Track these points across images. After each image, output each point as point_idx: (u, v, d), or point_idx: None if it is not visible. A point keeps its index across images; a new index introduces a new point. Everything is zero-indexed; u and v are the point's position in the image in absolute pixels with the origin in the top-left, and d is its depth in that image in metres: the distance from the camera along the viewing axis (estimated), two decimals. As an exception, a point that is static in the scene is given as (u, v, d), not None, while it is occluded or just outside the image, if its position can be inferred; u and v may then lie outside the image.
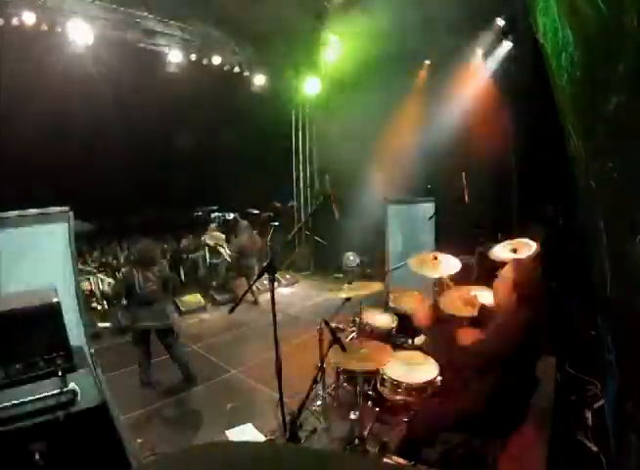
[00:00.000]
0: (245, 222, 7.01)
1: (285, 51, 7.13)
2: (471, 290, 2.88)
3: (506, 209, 6.26)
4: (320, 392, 3.24)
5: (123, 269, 4.00)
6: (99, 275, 6.39)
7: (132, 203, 7.93)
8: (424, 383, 2.67)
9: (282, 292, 7.22)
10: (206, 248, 7.40)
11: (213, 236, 7.46)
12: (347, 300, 3.04)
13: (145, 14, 5.61)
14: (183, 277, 7.64)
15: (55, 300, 1.96)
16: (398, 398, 2.71)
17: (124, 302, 4.25)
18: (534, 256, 3.20)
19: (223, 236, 7.61)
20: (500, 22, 5.82)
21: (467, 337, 2.49)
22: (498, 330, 2.24)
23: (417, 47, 5.70)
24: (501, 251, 3.47)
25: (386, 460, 2.24)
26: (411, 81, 6.58)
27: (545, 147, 4.86)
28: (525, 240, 3.48)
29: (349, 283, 3.02)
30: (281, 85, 7.99)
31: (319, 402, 3.26)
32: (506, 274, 2.31)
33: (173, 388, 3.97)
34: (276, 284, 2.27)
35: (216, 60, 6.69)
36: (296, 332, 4.91)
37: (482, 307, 2.59)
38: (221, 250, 7.33)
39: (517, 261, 2.37)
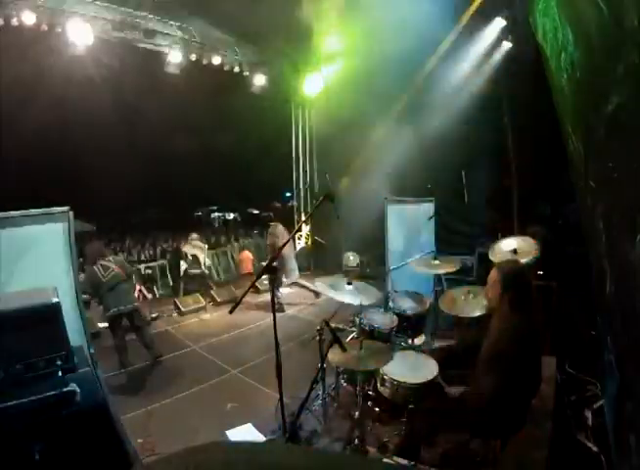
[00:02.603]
0: (281, 226, 6.56)
1: (284, 51, 7.13)
2: (469, 290, 2.89)
3: (506, 209, 6.26)
4: (320, 392, 3.23)
5: (83, 273, 4.24)
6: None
7: (133, 203, 7.94)
8: (424, 383, 2.67)
9: (282, 292, 7.22)
10: (186, 257, 7.18)
11: (194, 245, 7.26)
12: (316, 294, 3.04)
13: (145, 14, 5.61)
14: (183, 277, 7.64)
15: (55, 299, 1.95)
16: (398, 398, 2.71)
17: (96, 300, 4.57)
18: (519, 259, 3.21)
19: (205, 246, 7.44)
20: (500, 22, 5.83)
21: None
22: (495, 333, 2.26)
23: (417, 48, 5.70)
24: (502, 251, 3.48)
25: (386, 460, 2.25)
26: (411, 81, 6.57)
27: (545, 147, 4.87)
28: (526, 239, 3.49)
29: (349, 283, 3.01)
30: (281, 85, 8.00)
31: (319, 402, 3.26)
32: (492, 276, 2.35)
33: (173, 388, 3.97)
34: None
35: (216, 60, 6.69)
36: (296, 332, 4.91)
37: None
38: (201, 260, 7.16)
39: (500, 266, 2.39)
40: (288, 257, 6.38)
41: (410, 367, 2.82)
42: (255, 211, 9.78)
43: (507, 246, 3.56)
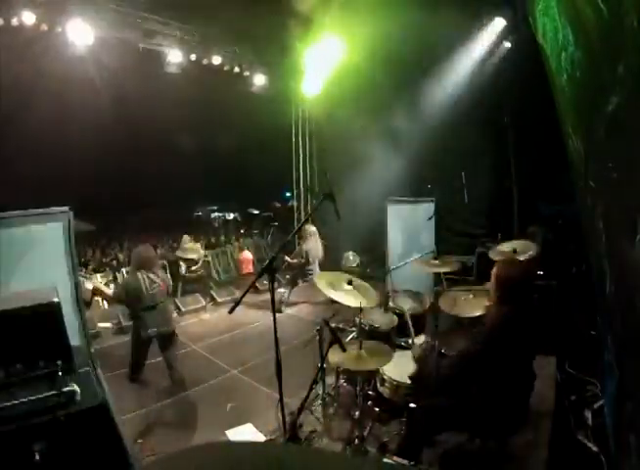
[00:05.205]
0: (313, 228, 6.46)
1: (285, 51, 7.13)
2: (470, 290, 2.90)
3: (506, 209, 6.27)
4: (320, 392, 3.24)
5: (124, 272, 3.94)
6: (98, 275, 6.39)
7: (132, 203, 7.93)
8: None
9: (282, 292, 7.22)
10: (182, 262, 6.99)
11: (188, 249, 7.07)
12: (335, 301, 3.01)
13: (145, 14, 5.61)
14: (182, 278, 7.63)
15: (55, 299, 1.95)
16: (398, 398, 2.71)
17: (127, 309, 4.07)
18: (521, 256, 3.23)
19: (198, 245, 7.32)
20: (500, 22, 5.83)
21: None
22: (485, 328, 2.29)
23: (417, 47, 5.70)
24: (502, 251, 3.50)
25: (386, 460, 2.25)
26: (411, 81, 6.58)
27: (545, 147, 4.87)
28: (527, 242, 3.52)
29: (349, 283, 3.01)
30: (281, 85, 8.00)
31: (319, 402, 3.26)
32: (494, 275, 2.38)
33: (173, 388, 3.96)
34: (276, 284, 2.27)
35: (216, 60, 6.70)
36: (296, 332, 4.91)
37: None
38: (196, 261, 7.02)
39: (500, 262, 2.44)
40: (315, 257, 6.36)
41: (410, 367, 2.82)
42: (255, 212, 9.77)
43: (506, 246, 3.58)
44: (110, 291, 3.97)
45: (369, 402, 3.03)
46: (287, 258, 6.40)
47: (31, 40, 5.07)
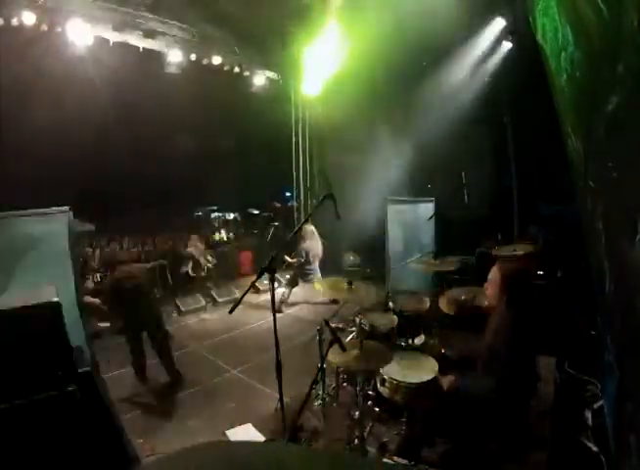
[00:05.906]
0: (312, 227, 6.50)
1: (285, 51, 7.13)
2: (470, 291, 2.90)
3: (506, 209, 6.27)
4: (320, 392, 3.24)
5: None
6: (98, 275, 6.39)
7: (132, 203, 7.91)
8: (424, 383, 2.67)
9: (282, 292, 7.21)
10: (190, 261, 7.15)
11: (197, 247, 7.26)
12: (335, 301, 3.03)
13: (145, 14, 5.61)
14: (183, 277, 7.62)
15: (55, 299, 1.95)
16: (398, 398, 2.71)
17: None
18: (520, 256, 3.24)
19: (203, 246, 7.44)
20: (500, 22, 5.83)
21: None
22: (491, 333, 2.30)
23: (417, 47, 5.70)
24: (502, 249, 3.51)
25: (386, 460, 2.25)
26: (411, 81, 6.57)
27: (545, 147, 4.87)
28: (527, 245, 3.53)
29: (349, 283, 3.01)
30: (281, 85, 7.99)
31: (319, 402, 3.26)
32: (493, 275, 2.39)
33: (173, 388, 3.97)
34: (276, 284, 2.27)
35: (216, 60, 6.70)
36: (296, 332, 4.92)
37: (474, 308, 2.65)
38: (202, 261, 7.16)
39: (502, 263, 2.47)
40: (315, 256, 6.37)
41: (410, 367, 2.82)
42: (255, 211, 9.76)
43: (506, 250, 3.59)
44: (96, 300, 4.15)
45: (369, 402, 3.03)
46: (287, 257, 6.40)
47: (31, 40, 5.07)
